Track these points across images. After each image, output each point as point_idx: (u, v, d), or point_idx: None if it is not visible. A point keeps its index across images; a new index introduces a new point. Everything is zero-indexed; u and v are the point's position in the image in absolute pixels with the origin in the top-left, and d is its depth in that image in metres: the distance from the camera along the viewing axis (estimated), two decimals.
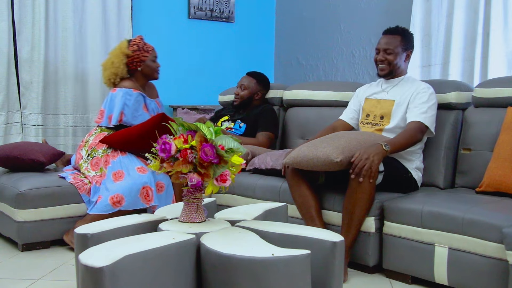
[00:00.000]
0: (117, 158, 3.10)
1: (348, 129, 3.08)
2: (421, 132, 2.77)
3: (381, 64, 2.92)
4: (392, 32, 2.93)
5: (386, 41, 2.90)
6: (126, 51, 3.26)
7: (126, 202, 2.93)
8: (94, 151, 3.16)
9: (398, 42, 2.89)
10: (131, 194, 2.95)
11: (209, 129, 1.88)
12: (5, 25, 3.86)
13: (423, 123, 2.76)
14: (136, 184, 2.97)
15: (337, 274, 1.84)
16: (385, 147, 2.54)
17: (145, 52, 3.29)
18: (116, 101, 3.20)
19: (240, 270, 1.63)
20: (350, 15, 4.59)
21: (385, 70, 2.93)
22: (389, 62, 2.90)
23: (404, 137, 2.71)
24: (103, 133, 3.22)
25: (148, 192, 3.00)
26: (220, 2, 4.99)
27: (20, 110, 3.99)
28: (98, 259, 1.55)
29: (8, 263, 2.76)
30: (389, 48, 2.89)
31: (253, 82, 3.78)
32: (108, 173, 3.05)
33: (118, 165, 3.07)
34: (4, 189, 3.02)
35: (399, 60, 2.91)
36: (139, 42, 3.31)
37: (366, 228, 2.58)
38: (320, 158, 2.53)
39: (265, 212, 2.22)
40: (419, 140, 2.77)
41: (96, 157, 3.14)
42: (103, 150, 3.15)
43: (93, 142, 3.20)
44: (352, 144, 2.58)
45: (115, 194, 2.92)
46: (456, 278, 2.29)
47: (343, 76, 4.66)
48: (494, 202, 2.40)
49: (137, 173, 3.02)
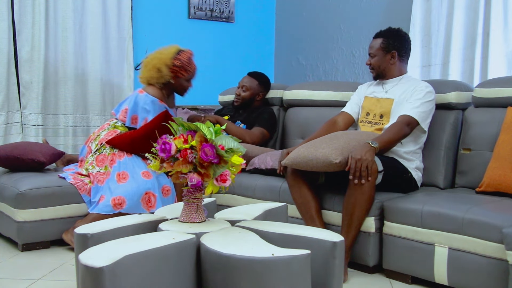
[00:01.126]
0: (123, 159, 3.10)
1: (351, 122, 3.09)
2: (408, 125, 2.74)
3: (369, 68, 3.01)
4: (375, 36, 3.00)
5: (370, 45, 3.00)
6: (168, 61, 3.25)
7: (127, 206, 2.92)
8: (103, 147, 3.15)
9: (378, 45, 2.95)
10: (133, 199, 2.94)
11: (209, 129, 1.88)
12: (5, 25, 3.86)
13: (412, 117, 2.75)
14: (139, 189, 2.97)
15: (337, 274, 1.84)
16: (373, 144, 2.54)
17: (185, 72, 3.28)
18: (141, 105, 3.20)
19: (240, 270, 1.63)
20: (350, 15, 4.59)
21: (373, 73, 3.02)
22: (373, 65, 2.97)
23: (390, 131, 2.70)
24: (116, 130, 3.21)
25: (150, 198, 3.00)
26: (220, 2, 4.99)
27: (20, 110, 3.99)
28: (98, 259, 1.55)
29: (8, 263, 2.76)
30: (371, 52, 2.98)
31: (255, 83, 3.77)
32: (112, 173, 3.04)
33: (124, 166, 3.07)
34: (4, 189, 3.02)
35: (382, 63, 2.95)
36: (184, 60, 3.28)
37: (366, 228, 2.58)
38: (319, 159, 2.53)
39: (265, 212, 2.22)
40: (406, 133, 2.75)
41: (103, 153, 3.12)
42: (111, 148, 3.14)
43: (104, 138, 3.18)
44: (351, 144, 2.58)
45: (117, 196, 2.92)
46: (456, 278, 2.29)
47: (343, 76, 4.66)
48: (494, 202, 2.40)
49: (141, 177, 3.02)
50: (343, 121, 3.07)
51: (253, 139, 3.50)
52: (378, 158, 2.57)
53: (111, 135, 3.18)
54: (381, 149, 2.61)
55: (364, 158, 2.45)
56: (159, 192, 3.04)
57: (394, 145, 2.74)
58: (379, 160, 2.57)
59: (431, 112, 2.84)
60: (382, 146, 2.60)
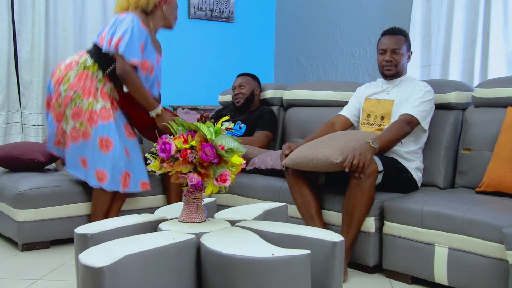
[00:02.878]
0: (108, 122, 2.83)
1: (348, 125, 3.07)
2: (408, 124, 2.74)
3: (389, 65, 2.90)
4: (396, 33, 2.91)
5: (394, 41, 2.88)
6: None
7: (108, 183, 2.80)
8: (78, 98, 2.84)
9: (403, 42, 2.89)
10: (114, 176, 2.81)
11: (209, 129, 1.88)
12: (5, 25, 3.86)
13: (413, 116, 2.75)
14: (121, 166, 2.82)
15: (337, 274, 1.84)
16: (373, 144, 2.53)
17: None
18: (121, 25, 2.86)
19: (240, 270, 1.63)
20: (350, 15, 4.59)
21: (392, 71, 2.90)
22: (396, 62, 2.88)
23: (391, 131, 2.70)
24: (87, 73, 2.89)
25: (126, 178, 2.86)
26: (220, 2, 4.99)
27: (20, 110, 3.99)
28: (98, 259, 1.55)
29: (8, 263, 2.76)
30: (396, 48, 2.86)
31: (248, 79, 3.85)
32: (93, 136, 2.80)
33: (107, 131, 2.81)
34: (4, 189, 3.02)
35: (404, 61, 2.92)
36: None
37: (366, 228, 2.58)
38: (320, 159, 2.54)
39: (265, 212, 2.22)
40: (407, 132, 2.74)
41: (79, 106, 2.83)
42: (89, 102, 2.84)
43: (75, 83, 2.85)
44: (352, 144, 2.58)
45: (100, 169, 2.79)
46: (456, 278, 2.29)
47: (343, 76, 4.66)
48: (494, 202, 2.40)
49: (123, 152, 2.85)
50: (340, 124, 3.06)
51: (260, 144, 3.54)
52: (378, 158, 2.57)
53: (79, 79, 2.85)
54: (382, 149, 2.61)
55: (363, 155, 2.45)
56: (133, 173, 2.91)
57: (395, 144, 2.74)
58: (379, 160, 2.57)
59: (430, 111, 2.84)
60: (382, 146, 2.60)
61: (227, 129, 1.95)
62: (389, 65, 2.89)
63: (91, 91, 2.86)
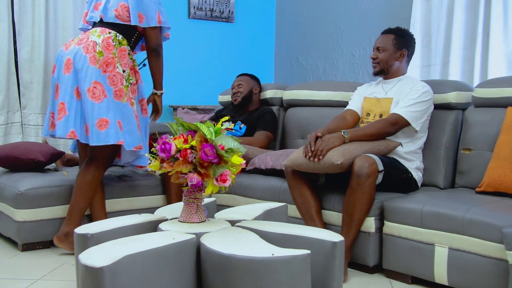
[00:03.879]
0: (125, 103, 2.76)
1: (357, 119, 3.06)
2: (393, 125, 2.74)
3: (373, 61, 2.98)
4: (386, 32, 2.99)
5: (380, 40, 2.97)
6: None
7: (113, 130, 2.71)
8: (129, 76, 2.79)
9: (390, 40, 2.93)
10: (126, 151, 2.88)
11: (209, 129, 1.88)
12: (5, 25, 3.87)
13: (401, 116, 2.75)
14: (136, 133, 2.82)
15: (337, 274, 1.84)
16: (344, 134, 2.63)
17: None
18: None
19: (240, 270, 1.63)
20: (350, 15, 4.59)
21: (377, 68, 2.97)
22: (379, 60, 2.94)
23: (371, 127, 2.74)
24: (123, 48, 2.78)
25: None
26: (220, 2, 4.99)
27: (20, 110, 3.99)
28: (98, 259, 1.55)
29: (8, 263, 2.76)
30: (381, 46, 2.94)
31: (247, 78, 3.86)
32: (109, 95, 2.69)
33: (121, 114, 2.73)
34: (4, 189, 3.02)
35: (391, 59, 2.93)
36: None
37: (366, 228, 2.58)
38: (321, 160, 2.54)
39: (265, 212, 2.22)
40: (388, 132, 2.75)
41: (133, 83, 2.81)
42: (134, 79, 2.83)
43: (126, 63, 2.77)
44: (352, 146, 2.59)
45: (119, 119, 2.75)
46: (456, 278, 2.29)
47: (343, 76, 4.67)
48: (494, 202, 2.40)
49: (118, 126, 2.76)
50: (351, 118, 3.04)
51: (261, 145, 3.54)
52: (378, 158, 2.57)
53: (123, 57, 2.77)
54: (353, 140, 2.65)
55: (326, 139, 2.55)
56: None
57: (372, 140, 2.72)
58: (379, 160, 2.57)
59: (425, 112, 2.83)
60: (354, 138, 2.65)
61: (227, 129, 1.95)
62: (373, 62, 2.99)
63: (131, 67, 2.87)
